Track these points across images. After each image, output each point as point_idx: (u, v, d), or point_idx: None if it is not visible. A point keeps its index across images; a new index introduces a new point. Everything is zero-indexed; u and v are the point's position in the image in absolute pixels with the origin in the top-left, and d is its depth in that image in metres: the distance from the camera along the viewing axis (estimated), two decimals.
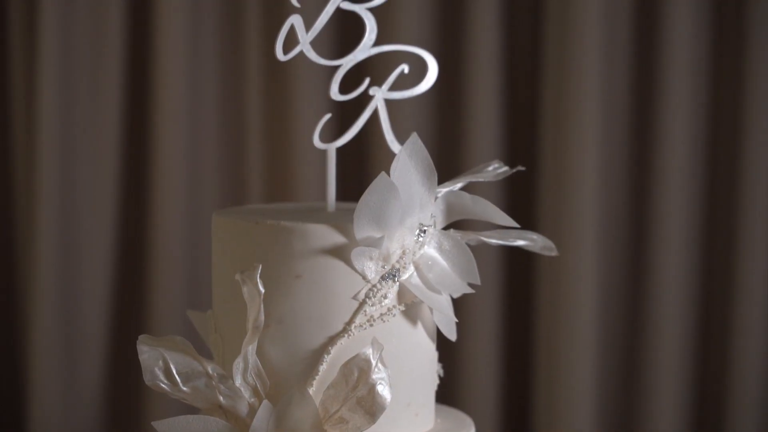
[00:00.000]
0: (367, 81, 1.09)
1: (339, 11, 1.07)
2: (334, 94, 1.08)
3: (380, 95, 1.08)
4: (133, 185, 1.84)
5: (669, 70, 1.74)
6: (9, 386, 1.87)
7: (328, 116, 1.10)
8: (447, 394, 1.38)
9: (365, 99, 1.08)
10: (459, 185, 1.05)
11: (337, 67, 1.08)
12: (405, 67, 1.09)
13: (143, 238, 1.83)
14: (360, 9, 1.08)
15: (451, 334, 1.02)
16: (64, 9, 1.77)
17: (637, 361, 1.81)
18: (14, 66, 1.81)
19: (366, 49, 1.08)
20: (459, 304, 1.06)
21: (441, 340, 1.06)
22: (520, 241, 1.08)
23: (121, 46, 1.79)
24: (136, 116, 1.82)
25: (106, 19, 1.78)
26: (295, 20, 1.05)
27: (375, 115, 1.08)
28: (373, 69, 1.35)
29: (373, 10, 1.08)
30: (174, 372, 0.95)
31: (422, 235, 0.99)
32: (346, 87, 1.08)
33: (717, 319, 1.80)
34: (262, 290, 0.93)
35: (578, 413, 1.76)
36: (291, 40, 1.05)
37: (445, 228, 1.03)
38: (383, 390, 0.94)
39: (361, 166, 1.79)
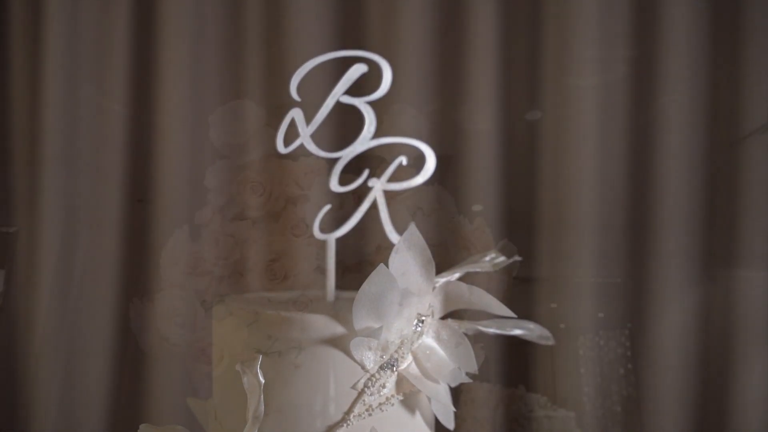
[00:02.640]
0: (366, 173, 1.11)
1: (339, 104, 1.09)
2: (334, 185, 1.10)
3: (379, 186, 1.10)
4: (135, 271, 1.85)
5: (667, 73, 1.75)
6: None
7: (327, 207, 1.11)
8: None
9: (364, 189, 1.10)
10: (456, 275, 1.06)
11: (336, 159, 1.10)
12: (403, 159, 1.11)
13: (145, 326, 1.83)
14: (359, 102, 1.10)
15: (449, 423, 1.02)
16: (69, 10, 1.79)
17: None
18: (16, 69, 1.82)
19: (365, 141, 1.09)
20: (457, 393, 1.06)
21: (439, 429, 1.07)
22: (517, 330, 1.08)
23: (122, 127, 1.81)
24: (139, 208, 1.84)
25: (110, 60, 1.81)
26: (296, 113, 1.07)
27: (374, 205, 1.10)
28: (372, 159, 1.37)
29: (372, 103, 1.10)
30: None
31: (420, 324, 1.00)
32: (345, 178, 1.10)
33: (718, 329, 1.79)
34: (263, 380, 0.94)
35: None
36: (292, 133, 1.07)
37: (443, 317, 1.04)
38: None
39: (360, 256, 1.79)
